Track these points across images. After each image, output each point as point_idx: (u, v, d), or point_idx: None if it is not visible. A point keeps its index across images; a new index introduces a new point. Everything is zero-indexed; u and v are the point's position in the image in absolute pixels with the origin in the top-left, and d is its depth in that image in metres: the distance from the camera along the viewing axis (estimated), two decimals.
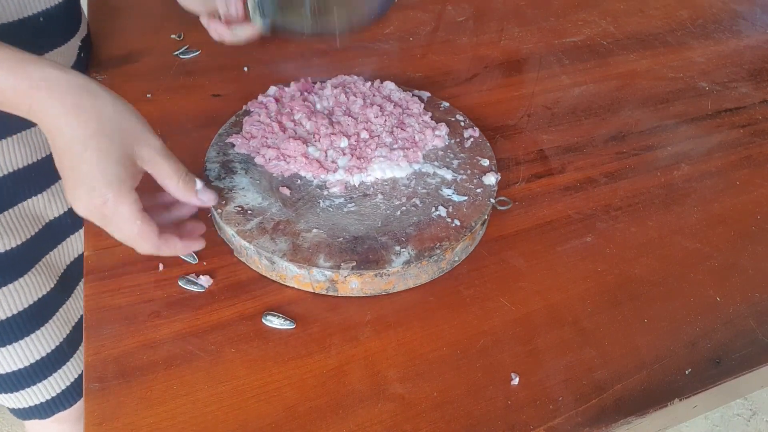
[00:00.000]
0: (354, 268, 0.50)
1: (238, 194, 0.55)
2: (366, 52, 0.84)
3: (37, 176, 0.64)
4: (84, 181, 0.42)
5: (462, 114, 0.68)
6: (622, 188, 0.65)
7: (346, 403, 0.44)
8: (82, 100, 0.42)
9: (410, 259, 0.51)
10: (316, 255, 0.50)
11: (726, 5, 1.03)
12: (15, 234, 0.62)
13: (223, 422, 0.42)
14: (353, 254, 0.51)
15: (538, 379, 0.46)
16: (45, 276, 0.66)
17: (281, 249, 0.50)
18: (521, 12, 0.97)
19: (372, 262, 0.50)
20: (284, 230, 0.52)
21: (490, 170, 0.61)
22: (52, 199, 0.66)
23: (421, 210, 0.56)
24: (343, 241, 0.52)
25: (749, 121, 0.76)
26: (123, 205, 0.43)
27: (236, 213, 0.53)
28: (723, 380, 0.48)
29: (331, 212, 0.55)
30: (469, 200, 0.57)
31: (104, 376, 0.44)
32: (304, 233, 0.52)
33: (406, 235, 0.53)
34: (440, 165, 0.61)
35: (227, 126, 0.62)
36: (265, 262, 0.51)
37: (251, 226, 0.52)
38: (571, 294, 0.53)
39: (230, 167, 0.57)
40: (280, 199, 0.55)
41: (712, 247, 0.59)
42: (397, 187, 0.58)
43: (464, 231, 0.54)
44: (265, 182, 0.57)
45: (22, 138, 0.60)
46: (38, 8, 0.59)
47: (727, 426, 1.50)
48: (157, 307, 0.49)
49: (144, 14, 0.87)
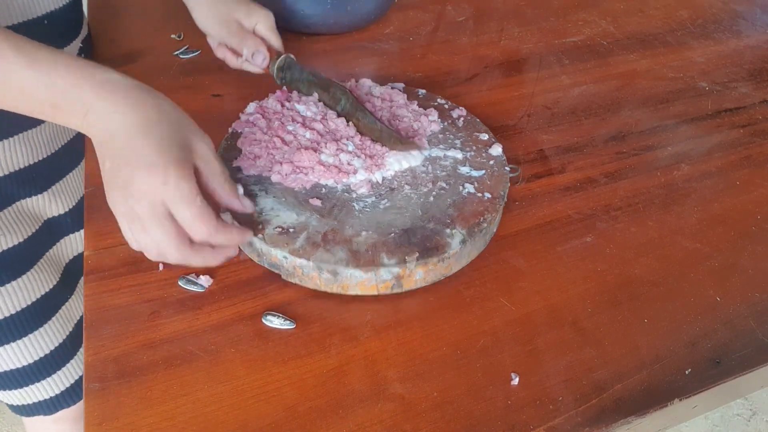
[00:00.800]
0: (418, 258, 0.50)
1: (271, 215, 0.53)
2: (366, 52, 0.84)
3: (38, 176, 0.64)
4: (144, 162, 0.43)
5: (441, 97, 0.70)
6: (622, 188, 0.65)
7: (346, 403, 0.44)
8: (142, 95, 0.44)
9: (464, 238, 0.52)
10: (378, 255, 0.50)
11: (726, 5, 1.03)
12: (16, 232, 0.62)
13: (223, 422, 0.42)
14: (411, 246, 0.51)
15: (538, 379, 0.46)
16: (47, 273, 0.66)
17: (341, 258, 0.50)
18: (521, 12, 0.97)
19: (432, 249, 0.51)
20: (335, 240, 0.51)
21: (492, 142, 0.63)
22: (52, 199, 0.66)
23: (450, 191, 0.57)
24: (395, 237, 0.52)
25: (749, 121, 0.76)
26: (184, 181, 0.43)
27: (279, 234, 0.51)
28: (723, 380, 0.48)
29: (369, 212, 0.54)
30: (488, 173, 0.60)
31: (104, 376, 0.44)
32: (355, 238, 0.51)
33: (449, 216, 0.54)
34: (446, 147, 0.62)
35: (221, 152, 0.59)
36: (327, 276, 0.50)
37: (300, 243, 0.51)
38: (571, 294, 0.53)
39: (248, 191, 0.55)
40: (315, 210, 0.54)
41: (712, 247, 0.59)
42: (418, 175, 0.58)
43: (498, 201, 0.56)
44: (290, 198, 0.55)
45: (24, 138, 0.61)
46: (42, 11, 0.59)
47: (727, 426, 1.50)
48: (157, 307, 0.49)
49: (144, 14, 0.87)
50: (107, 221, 0.56)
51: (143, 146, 0.43)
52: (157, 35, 0.82)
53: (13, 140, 0.59)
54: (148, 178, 0.42)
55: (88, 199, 0.58)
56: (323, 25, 0.83)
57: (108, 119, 0.43)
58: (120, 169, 0.44)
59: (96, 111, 0.43)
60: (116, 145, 0.44)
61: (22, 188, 0.63)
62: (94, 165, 0.61)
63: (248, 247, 0.52)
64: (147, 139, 0.43)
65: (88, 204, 0.57)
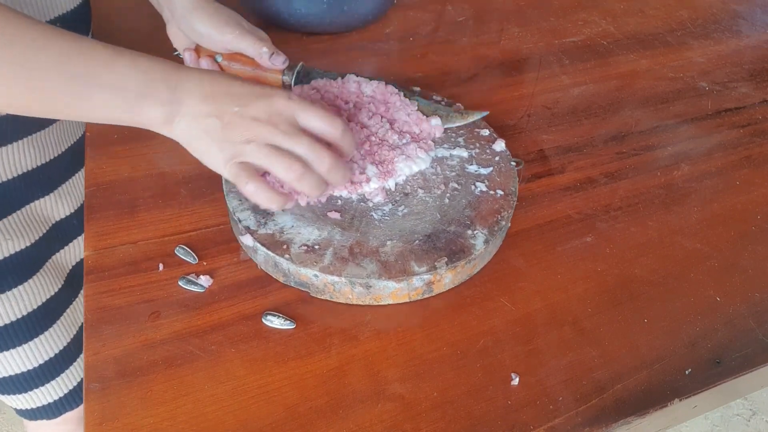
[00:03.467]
0: (447, 263, 0.50)
1: (292, 233, 0.52)
2: (366, 52, 0.84)
3: (45, 177, 0.64)
4: (259, 92, 0.47)
5: (437, 95, 0.69)
6: (622, 188, 0.65)
7: (346, 403, 0.44)
8: None
9: (487, 237, 0.53)
10: (408, 264, 0.50)
11: (726, 5, 1.03)
12: (24, 236, 0.62)
13: (223, 422, 0.42)
14: (438, 251, 0.51)
15: (538, 379, 0.46)
16: (52, 277, 0.66)
17: (373, 270, 0.49)
18: (521, 12, 0.97)
19: (459, 251, 0.51)
20: (362, 252, 0.51)
21: (494, 138, 0.64)
22: (59, 200, 0.66)
23: (463, 191, 0.57)
24: (420, 243, 0.52)
25: (749, 121, 0.76)
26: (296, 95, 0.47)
27: (305, 252, 0.50)
28: (723, 380, 0.48)
29: (389, 220, 0.54)
30: (495, 169, 0.60)
31: (104, 376, 0.44)
32: (381, 248, 0.51)
33: (468, 217, 0.54)
34: (451, 146, 0.62)
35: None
36: (359, 290, 0.50)
37: (329, 259, 0.50)
38: (571, 294, 0.53)
39: (263, 211, 0.53)
40: (335, 224, 0.53)
41: (712, 247, 0.59)
42: (429, 178, 0.58)
43: (511, 197, 0.57)
44: (308, 213, 0.54)
45: (33, 140, 0.61)
46: (54, 14, 0.59)
47: (727, 426, 1.50)
48: (157, 307, 0.49)
49: (144, 14, 0.87)
50: (107, 221, 0.56)
51: (244, 85, 0.47)
52: (157, 35, 0.82)
53: (22, 142, 0.60)
54: (276, 100, 0.46)
55: (88, 199, 0.58)
56: (320, 24, 0.83)
57: (199, 83, 0.46)
58: (237, 115, 0.45)
59: (186, 81, 0.45)
60: (218, 100, 0.46)
61: (31, 190, 0.63)
62: (94, 165, 0.61)
63: (273, 267, 0.51)
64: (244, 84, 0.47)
65: (88, 204, 0.57)
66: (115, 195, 0.58)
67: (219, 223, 0.57)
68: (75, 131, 0.68)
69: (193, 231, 0.56)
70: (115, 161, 0.62)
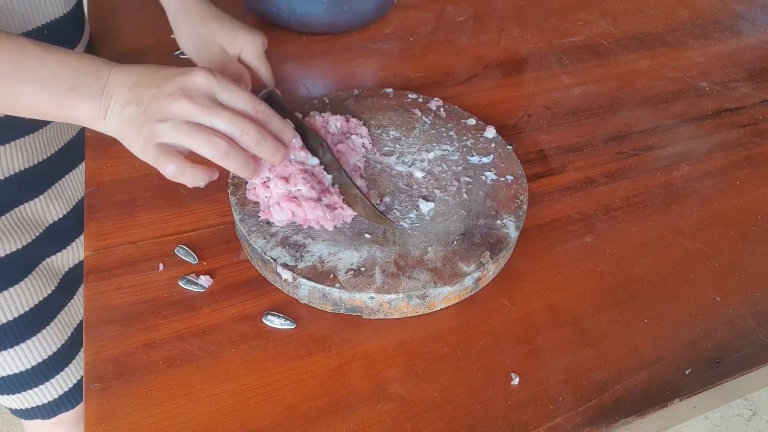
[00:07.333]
0: (491, 256, 0.51)
1: (333, 261, 0.50)
2: (366, 52, 0.84)
3: (36, 179, 0.64)
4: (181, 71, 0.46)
5: (412, 92, 0.70)
6: (622, 188, 0.65)
7: (346, 403, 0.44)
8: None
9: (516, 224, 0.54)
10: (456, 266, 0.50)
11: (726, 5, 1.03)
12: (14, 238, 0.62)
13: (223, 422, 0.42)
14: (478, 247, 0.52)
15: (538, 379, 0.46)
16: (45, 279, 0.66)
17: (426, 280, 0.49)
18: (521, 12, 0.97)
19: (497, 243, 0.52)
20: (408, 264, 0.50)
21: (483, 126, 0.65)
22: (50, 202, 0.66)
23: (476, 183, 0.58)
24: (458, 243, 0.52)
25: (749, 121, 0.76)
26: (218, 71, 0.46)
27: (354, 277, 0.49)
28: (723, 380, 0.48)
29: (419, 226, 0.53)
30: (496, 156, 0.62)
31: (104, 376, 0.44)
32: (425, 256, 0.51)
33: (491, 208, 0.56)
34: (446, 141, 0.63)
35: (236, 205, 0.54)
36: (416, 302, 0.49)
37: (379, 280, 0.49)
38: (571, 294, 0.53)
39: (293, 242, 0.51)
40: (371, 241, 0.52)
41: (712, 247, 0.59)
42: (439, 177, 0.59)
43: (521, 180, 0.59)
44: (341, 237, 0.52)
45: (24, 142, 0.61)
46: (42, 21, 0.59)
47: (727, 426, 1.50)
48: (157, 307, 0.49)
49: (144, 14, 0.87)
50: (107, 221, 0.56)
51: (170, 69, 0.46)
52: (157, 35, 0.82)
53: (11, 145, 0.59)
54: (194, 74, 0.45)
55: (88, 199, 0.58)
56: (320, 24, 0.83)
57: (127, 75, 0.46)
58: (153, 97, 0.45)
59: (116, 73, 0.45)
60: (140, 86, 0.45)
61: (20, 191, 0.63)
62: (94, 165, 0.61)
63: (321, 299, 0.49)
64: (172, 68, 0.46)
65: (88, 204, 0.57)
66: (115, 195, 0.58)
67: (219, 223, 0.57)
68: (67, 133, 0.68)
69: (193, 231, 0.56)
70: (115, 161, 0.62)
